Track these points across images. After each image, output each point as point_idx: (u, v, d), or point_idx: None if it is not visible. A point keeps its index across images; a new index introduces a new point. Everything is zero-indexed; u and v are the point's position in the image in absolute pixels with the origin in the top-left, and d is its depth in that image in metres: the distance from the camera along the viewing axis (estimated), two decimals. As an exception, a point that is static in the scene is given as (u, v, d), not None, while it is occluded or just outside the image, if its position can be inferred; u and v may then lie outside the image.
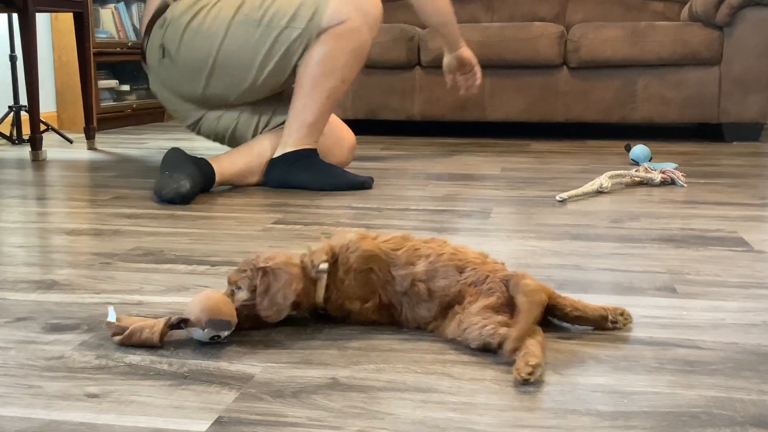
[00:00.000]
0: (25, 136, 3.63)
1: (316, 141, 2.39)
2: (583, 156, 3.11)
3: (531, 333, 1.03)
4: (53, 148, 3.41)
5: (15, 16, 3.53)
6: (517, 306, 1.07)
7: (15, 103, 3.60)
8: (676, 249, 1.63)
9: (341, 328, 1.17)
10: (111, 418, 0.88)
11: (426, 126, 4.15)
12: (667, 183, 2.42)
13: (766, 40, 3.46)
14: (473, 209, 2.05)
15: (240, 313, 1.12)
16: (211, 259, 1.56)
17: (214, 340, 1.08)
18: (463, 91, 2.97)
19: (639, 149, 2.83)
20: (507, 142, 3.59)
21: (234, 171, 2.38)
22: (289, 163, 2.35)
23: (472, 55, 2.92)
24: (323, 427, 0.86)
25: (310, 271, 1.15)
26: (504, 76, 3.72)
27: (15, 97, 3.60)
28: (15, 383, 0.98)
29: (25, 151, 3.34)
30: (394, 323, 1.17)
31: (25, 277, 1.44)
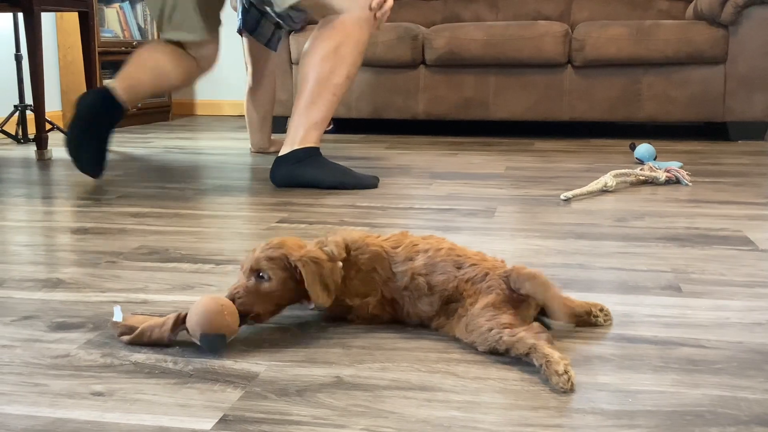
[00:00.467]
0: (31, 136, 3.65)
1: (320, 138, 2.41)
2: (587, 155, 3.11)
3: (535, 330, 1.03)
4: (58, 147, 3.42)
5: (20, 15, 3.54)
6: (531, 294, 1.07)
7: (20, 102, 3.61)
8: (681, 248, 1.63)
9: (345, 327, 1.17)
10: (116, 417, 0.88)
11: (430, 125, 4.15)
12: (672, 182, 2.42)
13: (771, 38, 3.45)
14: (477, 208, 2.05)
15: (268, 303, 1.12)
16: (216, 258, 1.56)
17: (211, 351, 1.07)
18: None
19: (644, 148, 2.82)
20: (511, 141, 3.59)
21: (141, 91, 2.51)
22: (296, 160, 2.36)
23: None
24: (328, 426, 0.86)
25: (335, 258, 1.15)
26: (508, 75, 3.72)
27: (20, 96, 3.61)
28: (21, 381, 0.98)
29: (30, 150, 3.35)
30: (396, 320, 1.17)
31: (30, 275, 1.45)
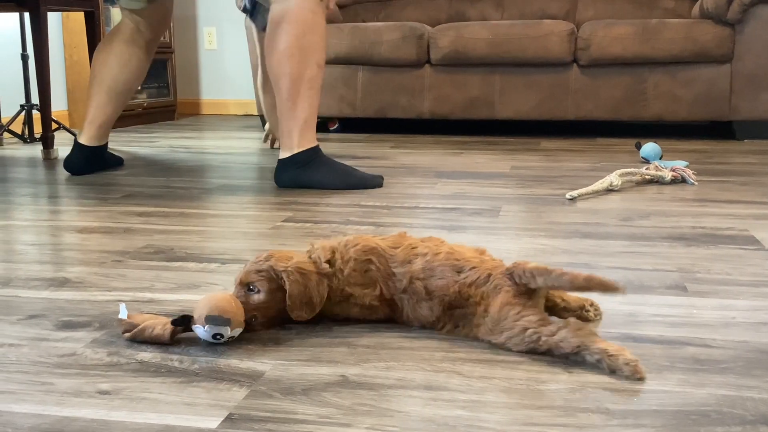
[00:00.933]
0: (37, 135, 3.66)
1: (315, 134, 2.38)
2: (593, 154, 3.11)
3: (576, 327, 1.03)
4: (64, 147, 3.43)
5: (26, 15, 3.55)
6: (544, 286, 1.07)
7: (27, 101, 3.62)
8: (687, 247, 1.62)
9: (350, 326, 1.17)
10: (122, 415, 0.89)
11: (435, 124, 4.15)
12: (678, 181, 2.41)
13: (777, 37, 3.44)
14: (482, 207, 2.05)
15: (255, 313, 1.13)
16: (222, 257, 1.56)
17: (217, 339, 1.08)
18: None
19: (649, 147, 2.82)
20: (517, 140, 3.58)
21: (100, 124, 2.71)
22: (300, 164, 2.35)
23: None
24: (333, 425, 0.86)
25: (319, 267, 1.16)
26: (514, 74, 3.71)
27: (27, 95, 3.62)
28: (27, 380, 0.98)
29: (36, 149, 3.36)
30: (396, 320, 1.17)
31: (37, 274, 1.45)
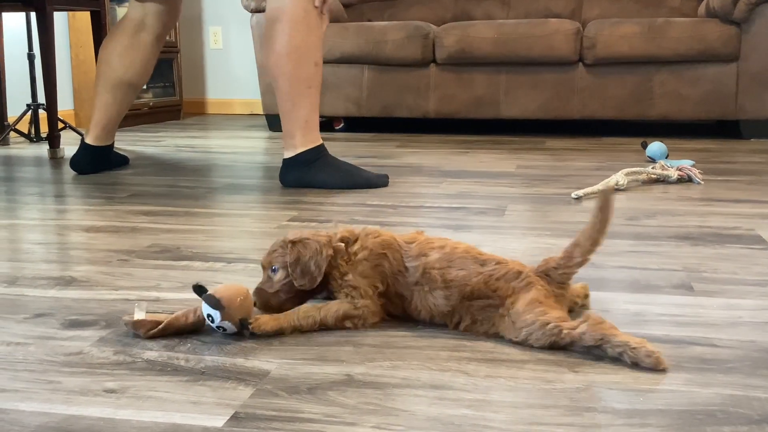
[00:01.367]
0: (43, 134, 3.66)
1: (318, 133, 2.38)
2: (598, 153, 3.10)
3: (596, 321, 1.05)
4: (71, 146, 3.43)
5: (33, 14, 3.56)
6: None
7: (33, 101, 3.63)
8: (693, 247, 1.62)
9: (356, 325, 1.17)
10: (129, 413, 0.89)
11: (441, 123, 4.15)
12: (684, 180, 2.40)
13: (784, 36, 3.43)
14: (488, 207, 2.05)
15: (281, 293, 1.16)
16: (228, 256, 1.57)
17: (210, 320, 1.11)
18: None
19: (655, 146, 2.81)
20: (522, 140, 3.58)
21: (106, 124, 2.70)
22: (305, 163, 2.35)
23: None
24: (338, 423, 0.86)
25: (334, 242, 1.17)
26: (519, 73, 3.71)
27: (33, 95, 3.63)
28: (34, 378, 0.99)
29: (43, 148, 3.37)
30: (402, 314, 1.17)
31: (43, 273, 1.46)
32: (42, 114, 3.74)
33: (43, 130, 3.79)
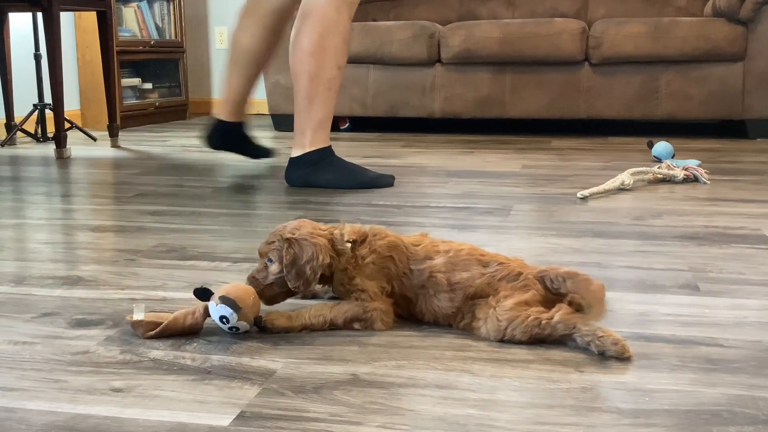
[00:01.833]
0: (50, 134, 3.68)
1: (328, 135, 2.39)
2: (604, 153, 3.10)
3: (567, 311, 1.09)
4: (77, 146, 3.45)
5: (39, 15, 3.57)
6: (572, 291, 1.14)
7: (39, 101, 3.64)
8: (699, 246, 1.62)
9: (362, 324, 1.17)
10: (135, 412, 0.89)
11: (446, 123, 4.15)
12: (690, 180, 2.40)
13: (791, 35, 3.42)
14: (493, 206, 2.05)
15: (274, 286, 1.16)
16: (233, 256, 1.57)
17: (222, 322, 1.10)
18: None
19: (661, 146, 2.80)
20: (528, 139, 3.58)
21: (245, 99, 2.71)
22: (311, 163, 2.35)
23: None
24: (344, 423, 0.86)
25: (337, 243, 1.17)
26: (525, 73, 3.71)
27: (39, 95, 3.64)
28: (41, 377, 0.99)
29: (49, 148, 3.38)
30: (409, 315, 1.18)
31: (50, 273, 1.46)
32: (48, 114, 3.76)
33: (50, 130, 3.80)
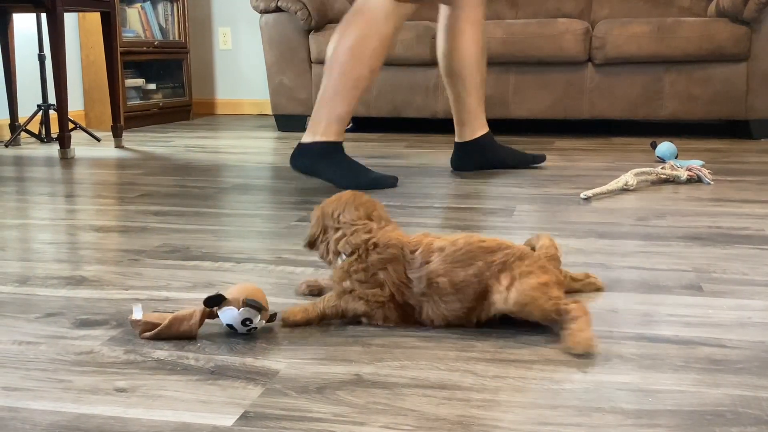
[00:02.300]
0: (54, 135, 3.68)
1: (343, 131, 2.39)
2: (608, 153, 3.09)
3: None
4: (81, 147, 3.46)
5: (43, 15, 3.58)
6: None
7: (43, 101, 3.65)
8: (703, 247, 1.62)
9: (364, 325, 1.17)
10: (139, 412, 0.89)
11: (449, 124, 4.13)
12: (694, 180, 2.40)
13: (795, 35, 3.41)
14: (497, 207, 2.05)
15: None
16: (237, 256, 1.57)
17: (246, 324, 1.10)
18: None
19: (665, 146, 2.80)
20: (531, 140, 3.58)
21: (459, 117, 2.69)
22: (319, 154, 2.35)
23: None
24: (347, 423, 0.86)
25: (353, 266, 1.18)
26: (528, 73, 3.71)
27: (44, 95, 3.65)
28: (45, 377, 0.99)
29: (53, 149, 3.39)
30: (414, 323, 1.17)
31: (54, 273, 1.47)
32: (52, 114, 3.77)
33: (54, 130, 3.81)
